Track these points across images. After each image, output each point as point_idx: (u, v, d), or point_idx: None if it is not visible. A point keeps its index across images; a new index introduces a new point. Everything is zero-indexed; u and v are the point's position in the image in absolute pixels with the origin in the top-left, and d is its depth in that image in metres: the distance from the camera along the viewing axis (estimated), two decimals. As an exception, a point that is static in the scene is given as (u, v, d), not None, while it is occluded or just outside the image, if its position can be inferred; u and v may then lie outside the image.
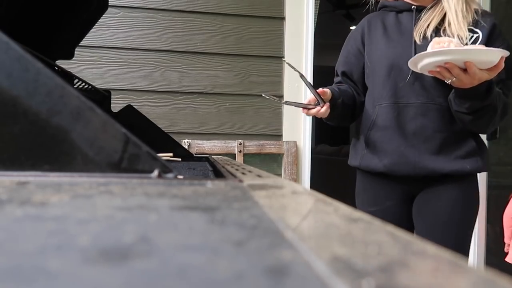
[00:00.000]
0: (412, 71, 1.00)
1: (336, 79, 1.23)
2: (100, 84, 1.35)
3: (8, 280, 0.11)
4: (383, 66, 1.08)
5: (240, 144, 1.68)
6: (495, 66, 0.85)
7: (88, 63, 1.60)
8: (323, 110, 0.98)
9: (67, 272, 0.11)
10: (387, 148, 1.07)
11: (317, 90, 0.99)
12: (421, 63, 0.91)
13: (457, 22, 0.98)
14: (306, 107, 1.00)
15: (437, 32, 1.01)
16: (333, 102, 1.04)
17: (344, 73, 1.20)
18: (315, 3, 1.78)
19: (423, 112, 1.03)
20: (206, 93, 1.69)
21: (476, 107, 0.92)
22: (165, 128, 1.00)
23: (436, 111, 1.02)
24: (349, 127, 5.26)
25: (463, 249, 1.02)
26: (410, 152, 1.03)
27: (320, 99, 0.98)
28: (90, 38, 1.55)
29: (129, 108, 0.99)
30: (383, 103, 1.08)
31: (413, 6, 1.06)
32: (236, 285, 0.11)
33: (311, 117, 1.73)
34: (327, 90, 1.02)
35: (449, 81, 0.90)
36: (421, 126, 1.03)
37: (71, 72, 0.86)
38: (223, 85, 1.69)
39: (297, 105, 1.04)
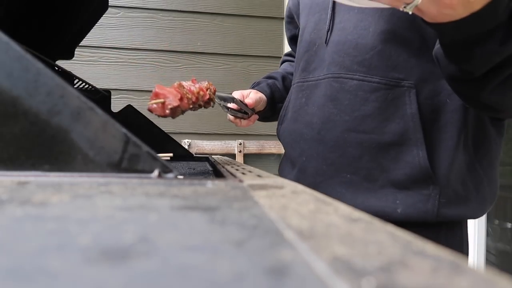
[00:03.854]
0: (332, 13, 0.67)
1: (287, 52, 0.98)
2: (100, 84, 1.35)
3: (9, 280, 0.11)
4: (304, 14, 0.76)
5: (240, 144, 1.68)
6: None
7: (88, 63, 1.61)
8: (243, 123, 0.81)
9: (68, 272, 0.11)
10: (293, 159, 0.74)
11: (249, 100, 0.79)
12: None
13: None
14: (241, 115, 0.80)
15: None
16: (269, 108, 0.83)
17: (290, 38, 0.92)
18: (315, 3, 1.78)
19: (332, 93, 0.65)
20: (206, 93, 1.69)
21: (489, 59, 0.46)
22: (165, 128, 1.01)
23: (354, 91, 0.63)
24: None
25: None
26: (311, 170, 0.68)
27: (248, 111, 0.79)
28: (90, 38, 1.55)
29: (129, 108, 0.99)
30: (295, 80, 0.76)
31: None
32: (236, 285, 0.11)
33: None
34: (258, 98, 0.80)
35: (406, 6, 0.44)
36: (327, 119, 0.66)
37: (71, 72, 0.86)
38: (223, 85, 1.69)
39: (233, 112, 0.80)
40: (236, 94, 0.80)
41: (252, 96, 0.80)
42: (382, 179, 0.62)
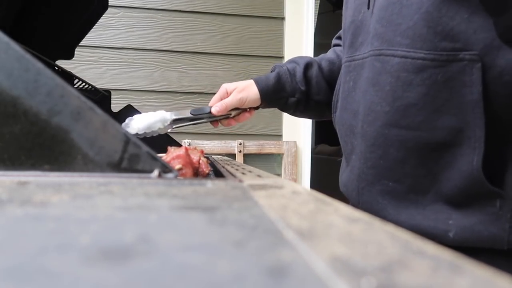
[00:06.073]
0: None
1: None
2: (100, 84, 1.35)
3: (9, 279, 0.11)
4: None
5: (240, 144, 1.68)
6: None
7: (88, 63, 1.60)
8: (225, 122, 0.74)
9: (68, 271, 0.11)
10: (346, 156, 0.62)
11: (214, 109, 0.74)
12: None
13: None
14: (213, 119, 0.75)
15: None
16: (271, 102, 0.74)
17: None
18: (315, 3, 1.78)
19: (374, 76, 0.52)
20: (206, 93, 1.69)
21: None
22: (165, 128, 1.00)
23: (395, 72, 0.49)
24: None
25: None
26: (356, 172, 0.56)
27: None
28: (90, 38, 1.55)
29: (129, 108, 0.99)
30: (344, 58, 0.63)
31: None
32: (236, 285, 0.11)
33: (311, 117, 1.73)
34: (235, 102, 0.73)
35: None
36: (369, 109, 0.53)
37: (71, 72, 0.86)
38: (223, 85, 1.68)
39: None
40: (221, 91, 0.76)
41: (224, 102, 0.73)
42: (433, 191, 0.48)
